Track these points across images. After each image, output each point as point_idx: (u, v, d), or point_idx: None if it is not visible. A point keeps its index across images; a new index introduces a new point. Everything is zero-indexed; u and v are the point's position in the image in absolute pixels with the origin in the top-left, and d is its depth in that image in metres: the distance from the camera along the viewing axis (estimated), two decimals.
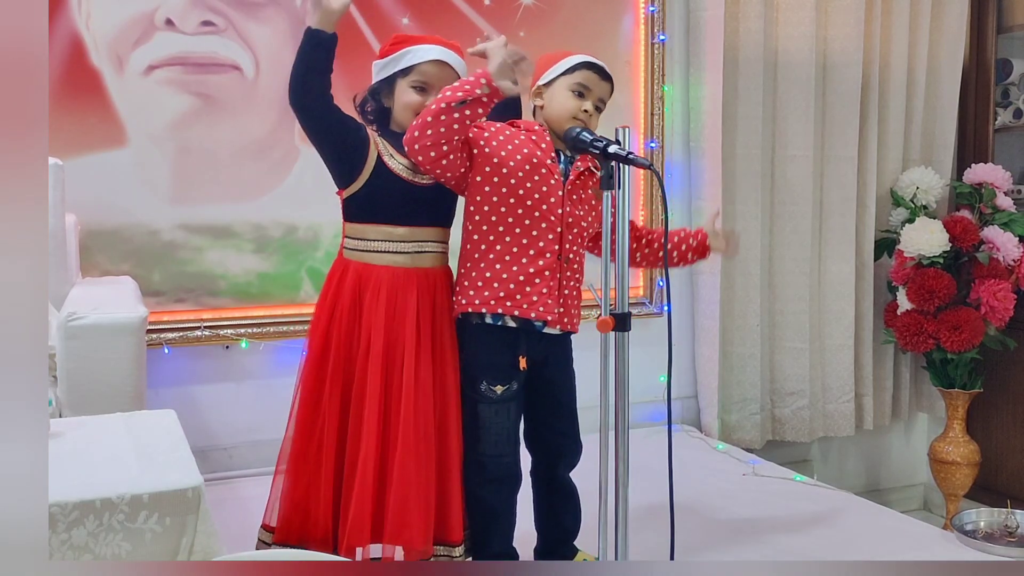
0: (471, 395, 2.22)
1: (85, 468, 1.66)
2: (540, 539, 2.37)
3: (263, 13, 3.07)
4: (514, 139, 2.21)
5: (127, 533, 1.54)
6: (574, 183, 2.22)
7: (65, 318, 2.30)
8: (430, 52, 2.21)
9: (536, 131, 2.24)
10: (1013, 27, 3.69)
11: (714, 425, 3.54)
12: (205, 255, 3.07)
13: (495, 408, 2.20)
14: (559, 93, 2.24)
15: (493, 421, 2.20)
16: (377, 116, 2.26)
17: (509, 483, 2.26)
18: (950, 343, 3.41)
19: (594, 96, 2.25)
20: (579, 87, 2.23)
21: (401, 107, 2.21)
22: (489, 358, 2.20)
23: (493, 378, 2.19)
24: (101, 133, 2.94)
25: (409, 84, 2.20)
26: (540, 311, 2.17)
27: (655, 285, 3.59)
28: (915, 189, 3.59)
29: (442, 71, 2.21)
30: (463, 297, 2.21)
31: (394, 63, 2.21)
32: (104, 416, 2.02)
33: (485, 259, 2.19)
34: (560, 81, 2.24)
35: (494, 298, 2.17)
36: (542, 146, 2.21)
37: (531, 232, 2.17)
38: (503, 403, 2.20)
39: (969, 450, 3.55)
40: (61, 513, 1.50)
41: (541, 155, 2.20)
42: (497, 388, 2.19)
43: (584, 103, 2.22)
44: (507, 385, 2.20)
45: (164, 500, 1.57)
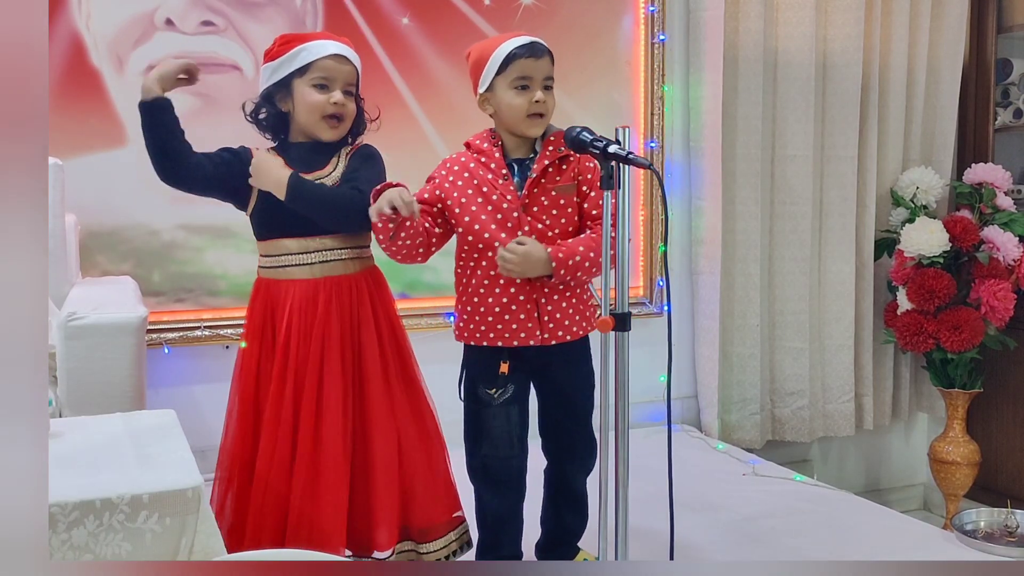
0: (470, 401, 2.24)
1: (85, 468, 1.66)
2: (543, 535, 2.37)
3: (263, 13, 3.07)
4: (471, 184, 2.17)
5: (127, 533, 1.54)
6: (531, 195, 2.17)
7: (65, 318, 2.30)
8: (327, 47, 2.12)
9: (485, 150, 2.20)
10: (1013, 27, 3.69)
11: (714, 425, 3.54)
12: (205, 255, 3.07)
13: (494, 411, 2.20)
14: (503, 96, 2.16)
15: (493, 424, 2.21)
16: (273, 123, 2.18)
17: (513, 487, 2.27)
18: (950, 343, 3.41)
19: (538, 81, 2.16)
20: (519, 81, 2.15)
21: (304, 109, 2.12)
22: (481, 366, 2.22)
23: (488, 383, 2.20)
24: (101, 133, 2.94)
25: (309, 83, 2.11)
26: (522, 337, 2.17)
27: (655, 285, 3.59)
28: (915, 189, 3.59)
29: (342, 66, 2.13)
30: (454, 328, 2.26)
31: (288, 63, 2.11)
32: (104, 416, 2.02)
33: (465, 292, 2.22)
34: (498, 83, 2.16)
35: (477, 331, 2.19)
36: (491, 166, 2.18)
37: (495, 264, 2.14)
38: (502, 406, 2.20)
39: (969, 450, 3.55)
40: (61, 513, 1.50)
41: (492, 181, 2.17)
42: (493, 391, 2.20)
43: (532, 94, 2.15)
44: (502, 388, 2.20)
45: (164, 500, 1.57)
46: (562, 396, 2.28)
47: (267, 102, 2.17)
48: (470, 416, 2.25)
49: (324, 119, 2.12)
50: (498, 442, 2.21)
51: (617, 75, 3.51)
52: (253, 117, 2.19)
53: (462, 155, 2.24)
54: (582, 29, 3.42)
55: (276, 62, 2.13)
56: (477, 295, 2.19)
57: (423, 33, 3.24)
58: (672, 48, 3.55)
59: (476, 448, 2.23)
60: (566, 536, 2.36)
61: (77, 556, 1.51)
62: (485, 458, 2.22)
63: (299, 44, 2.12)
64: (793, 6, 3.49)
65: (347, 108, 2.14)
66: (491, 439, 2.21)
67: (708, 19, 3.47)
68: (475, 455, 2.24)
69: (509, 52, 2.15)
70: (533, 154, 2.21)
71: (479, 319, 2.19)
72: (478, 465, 2.24)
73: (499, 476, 2.24)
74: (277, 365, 2.12)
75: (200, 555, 1.59)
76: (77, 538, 1.51)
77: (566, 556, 2.36)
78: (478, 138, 2.24)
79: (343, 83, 2.12)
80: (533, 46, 2.16)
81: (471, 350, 2.24)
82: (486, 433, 2.21)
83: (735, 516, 2.76)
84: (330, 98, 2.10)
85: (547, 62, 2.18)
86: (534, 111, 2.15)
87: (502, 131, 2.21)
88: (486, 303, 2.18)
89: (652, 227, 3.58)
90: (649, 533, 2.45)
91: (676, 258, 3.64)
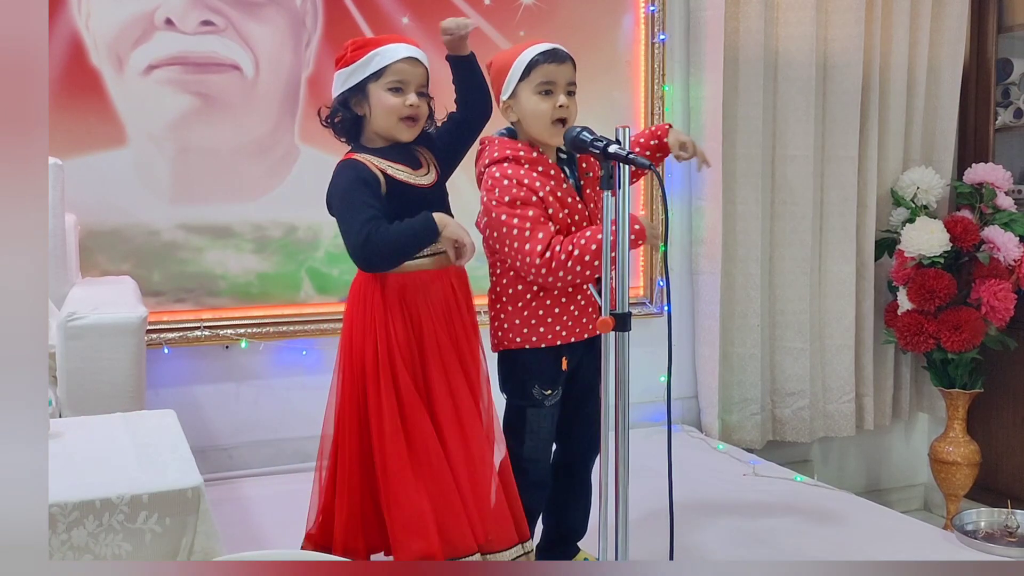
0: (518, 400, 2.24)
1: (85, 468, 1.66)
2: (544, 535, 2.38)
3: (263, 13, 3.07)
4: (545, 188, 2.17)
5: (127, 533, 1.54)
6: (587, 195, 2.24)
7: (65, 318, 2.30)
8: (400, 51, 2.13)
9: (537, 160, 2.19)
10: (1013, 27, 3.69)
11: (714, 425, 3.54)
12: (205, 255, 3.07)
13: (543, 413, 2.23)
14: (527, 102, 2.18)
15: (540, 426, 2.24)
16: (348, 127, 2.18)
17: (544, 487, 2.30)
18: (950, 343, 3.41)
19: (561, 86, 2.18)
20: (543, 87, 2.17)
21: (381, 112, 2.13)
22: (539, 365, 2.22)
23: (544, 382, 2.22)
24: (101, 133, 2.94)
25: (385, 87, 2.12)
26: (577, 332, 2.22)
27: (655, 285, 3.59)
28: (915, 189, 3.59)
29: (415, 68, 2.14)
30: (504, 336, 2.24)
31: (363, 68, 2.12)
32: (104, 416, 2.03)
33: (522, 298, 2.21)
34: (522, 89, 2.18)
35: (535, 334, 2.21)
36: (551, 173, 2.19)
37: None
38: (551, 408, 2.24)
39: (969, 450, 3.55)
40: (61, 513, 1.50)
41: (554, 189, 2.18)
42: (547, 391, 2.23)
43: (556, 99, 2.17)
44: (555, 389, 2.23)
45: (164, 500, 1.57)
46: (589, 381, 2.30)
47: (343, 107, 2.17)
48: (517, 415, 2.25)
49: (402, 120, 2.14)
50: (543, 443, 2.25)
51: (617, 75, 3.51)
52: (329, 122, 2.20)
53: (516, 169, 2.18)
54: (582, 29, 3.42)
55: (350, 68, 2.15)
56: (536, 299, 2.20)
57: (423, 33, 3.23)
58: (672, 48, 3.55)
59: (520, 450, 2.24)
60: (568, 535, 2.37)
61: (77, 556, 1.51)
62: (525, 460, 2.24)
63: (372, 49, 2.14)
64: (793, 6, 3.49)
65: (421, 109, 2.16)
66: (537, 440, 2.24)
67: (708, 19, 3.47)
68: (518, 457, 2.24)
69: (532, 58, 2.16)
70: (562, 153, 2.25)
71: (536, 323, 2.21)
72: (518, 467, 2.24)
73: (536, 478, 2.27)
74: (414, 353, 2.12)
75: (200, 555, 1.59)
76: (77, 538, 1.51)
77: (566, 556, 2.36)
78: (520, 150, 2.20)
79: (417, 85, 2.14)
80: (556, 52, 2.18)
81: (526, 353, 2.23)
82: (533, 433, 2.23)
83: (735, 516, 2.76)
84: (406, 100, 2.12)
85: (570, 68, 2.20)
86: (558, 116, 2.17)
87: (527, 138, 2.22)
88: (544, 305, 2.20)
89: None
90: (649, 533, 2.45)
91: (676, 258, 3.64)
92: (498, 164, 2.19)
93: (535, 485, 2.27)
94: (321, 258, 3.15)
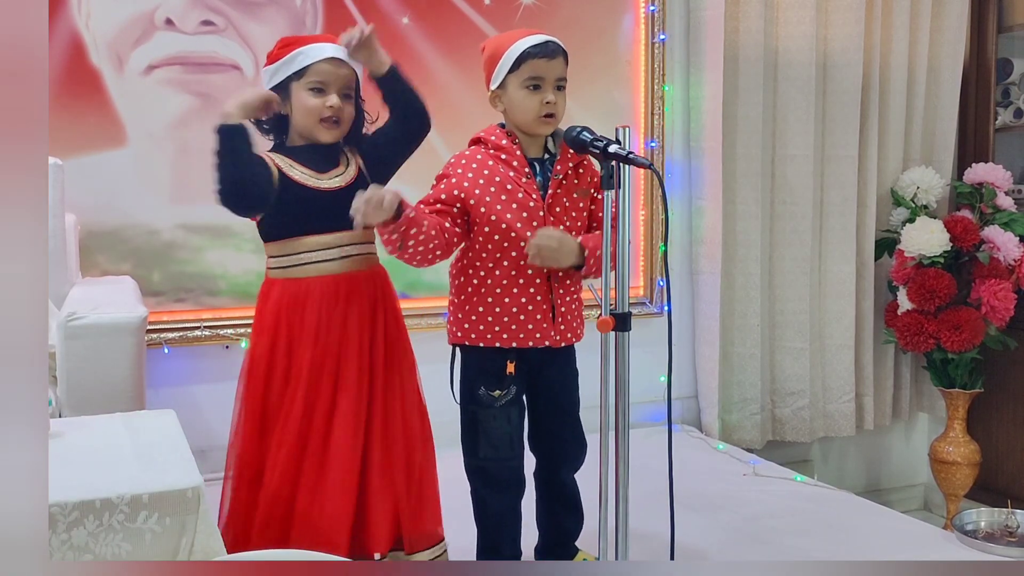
0: (468, 403, 2.21)
1: (85, 468, 1.66)
2: (541, 538, 2.37)
3: (263, 13, 3.07)
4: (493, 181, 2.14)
5: (127, 533, 1.54)
6: (555, 195, 2.17)
7: (65, 318, 2.30)
8: (324, 50, 2.11)
9: (505, 147, 2.17)
10: (1013, 27, 3.69)
11: (714, 425, 3.54)
12: (205, 255, 3.07)
13: (494, 413, 2.18)
14: (515, 95, 2.14)
15: (492, 426, 2.19)
16: (273, 126, 2.17)
17: (514, 487, 2.26)
18: (951, 343, 3.41)
19: (551, 81, 2.14)
20: (531, 81, 2.13)
21: (301, 112, 2.11)
22: (482, 364, 2.19)
23: (490, 384, 2.18)
24: (101, 133, 2.94)
25: (306, 86, 2.10)
26: (536, 338, 2.17)
27: (655, 285, 3.59)
28: (915, 189, 3.59)
29: (339, 69, 2.11)
30: (457, 329, 2.21)
31: (286, 67, 2.11)
32: (104, 416, 2.02)
33: (477, 293, 2.17)
34: (510, 81, 2.14)
35: (489, 332, 2.16)
36: (514, 164, 2.16)
37: (517, 263, 2.14)
38: (503, 408, 2.19)
39: (970, 450, 3.55)
40: (61, 513, 1.50)
41: (515, 179, 2.15)
42: (495, 393, 2.18)
43: (544, 95, 2.13)
44: (505, 390, 2.18)
45: (164, 500, 1.56)
46: (556, 396, 2.28)
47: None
48: (469, 418, 2.22)
49: (321, 122, 2.12)
50: (499, 444, 2.20)
51: (617, 75, 3.51)
52: (255, 121, 2.18)
53: (476, 151, 2.19)
54: (582, 29, 3.42)
55: (275, 65, 2.13)
56: (492, 295, 2.16)
57: (423, 33, 3.24)
58: (672, 48, 3.55)
59: (475, 450, 2.21)
60: (563, 537, 2.36)
61: (77, 556, 1.51)
62: (485, 460, 2.21)
63: (297, 47, 2.12)
64: (793, 6, 3.49)
65: (344, 111, 2.13)
66: (492, 441, 2.19)
67: (708, 19, 3.47)
68: (475, 457, 2.22)
69: (523, 51, 2.12)
70: (547, 154, 2.22)
71: (492, 320, 2.16)
72: (478, 467, 2.23)
73: (500, 477, 2.23)
74: (296, 362, 2.11)
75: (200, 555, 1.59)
76: (77, 538, 1.51)
77: (565, 557, 2.36)
78: (492, 134, 2.19)
79: (340, 87, 2.11)
80: (547, 45, 2.14)
81: (472, 351, 2.21)
82: (487, 435, 2.19)
83: (735, 516, 2.76)
84: (325, 102, 2.10)
85: (560, 62, 2.16)
86: (545, 112, 2.14)
87: (514, 129, 2.20)
88: (502, 303, 2.15)
89: (652, 227, 3.58)
90: (649, 533, 2.45)
91: (676, 258, 3.64)
92: (470, 146, 2.21)
93: (497, 485, 2.23)
94: None
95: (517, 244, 2.13)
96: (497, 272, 2.15)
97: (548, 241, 2.09)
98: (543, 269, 2.15)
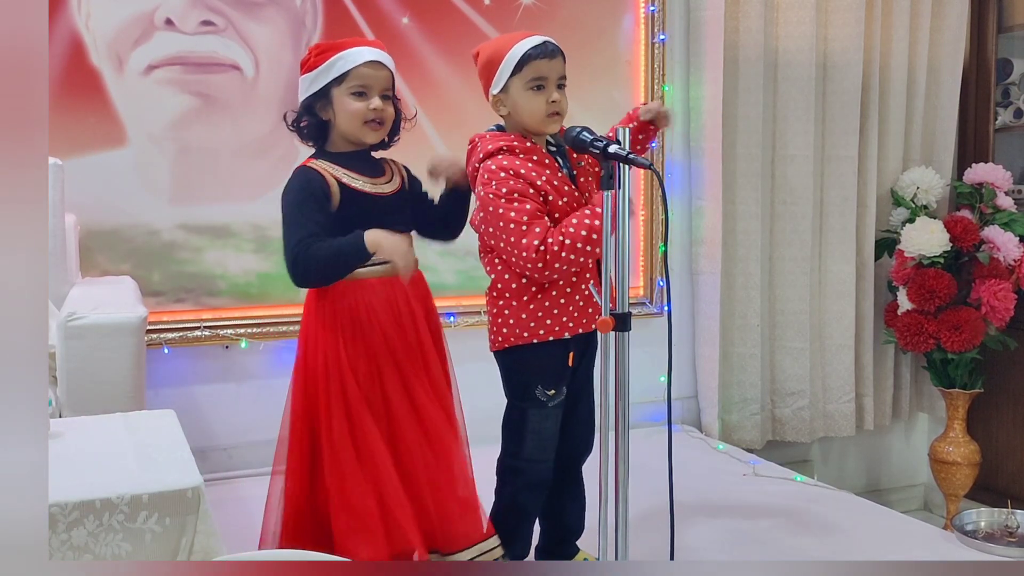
0: (520, 402, 2.22)
1: (85, 468, 1.66)
2: (543, 536, 2.37)
3: (263, 13, 3.07)
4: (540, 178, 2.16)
5: (127, 533, 1.54)
6: (581, 183, 2.23)
7: (65, 318, 2.30)
8: (363, 54, 2.13)
9: (532, 149, 2.18)
10: (1013, 27, 3.69)
11: (714, 425, 3.54)
12: (205, 255, 3.07)
13: (546, 413, 2.21)
14: (519, 97, 2.16)
15: (542, 427, 2.21)
16: (314, 132, 2.19)
17: (543, 487, 2.28)
18: (950, 343, 3.41)
19: (553, 80, 2.17)
20: (534, 82, 2.15)
21: (345, 117, 2.13)
22: (542, 363, 2.20)
23: (548, 382, 2.20)
24: (101, 133, 2.94)
25: (347, 91, 2.12)
26: (584, 323, 2.20)
27: (655, 285, 3.59)
28: (915, 189, 3.59)
29: (378, 72, 2.14)
30: (509, 333, 2.21)
31: (325, 73, 2.12)
32: (104, 416, 2.02)
33: (527, 292, 2.19)
34: (513, 84, 2.16)
35: (541, 327, 2.18)
36: (546, 163, 2.18)
37: None
38: (554, 408, 2.21)
39: (969, 450, 3.55)
40: (61, 513, 1.50)
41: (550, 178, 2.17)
42: (551, 392, 2.21)
43: (549, 94, 2.16)
44: (559, 389, 2.21)
45: (164, 500, 1.56)
46: (585, 386, 2.31)
47: (308, 112, 2.18)
48: (519, 417, 2.23)
49: (366, 124, 2.14)
50: (546, 443, 2.22)
51: (617, 75, 3.51)
52: (295, 126, 2.20)
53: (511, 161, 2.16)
54: (582, 29, 3.42)
55: (313, 73, 2.15)
56: (556, 288, 2.18)
57: (423, 33, 3.24)
58: (672, 48, 3.55)
59: (519, 451, 2.22)
60: (566, 534, 2.36)
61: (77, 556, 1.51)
62: (529, 461, 2.22)
63: (335, 53, 2.14)
64: (793, 6, 3.49)
65: (386, 112, 2.16)
66: (538, 440, 2.22)
67: (708, 19, 3.47)
68: (517, 457, 2.23)
69: (524, 53, 2.15)
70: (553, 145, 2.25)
71: (558, 312, 2.18)
72: (515, 466, 2.23)
73: (534, 479, 2.25)
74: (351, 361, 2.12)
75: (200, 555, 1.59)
76: (77, 538, 1.51)
77: (566, 556, 2.36)
78: (515, 140, 2.19)
79: (380, 89, 2.14)
80: (546, 46, 2.17)
81: (531, 350, 2.20)
82: (534, 434, 2.21)
83: (735, 516, 2.76)
84: (369, 104, 2.12)
85: (560, 62, 2.19)
86: (552, 111, 2.16)
87: (518, 131, 2.21)
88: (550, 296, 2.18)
89: (652, 227, 3.58)
90: (649, 533, 2.45)
91: (676, 258, 3.64)
92: (492, 157, 2.18)
93: (532, 486, 2.25)
94: None
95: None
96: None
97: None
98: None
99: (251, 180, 3.09)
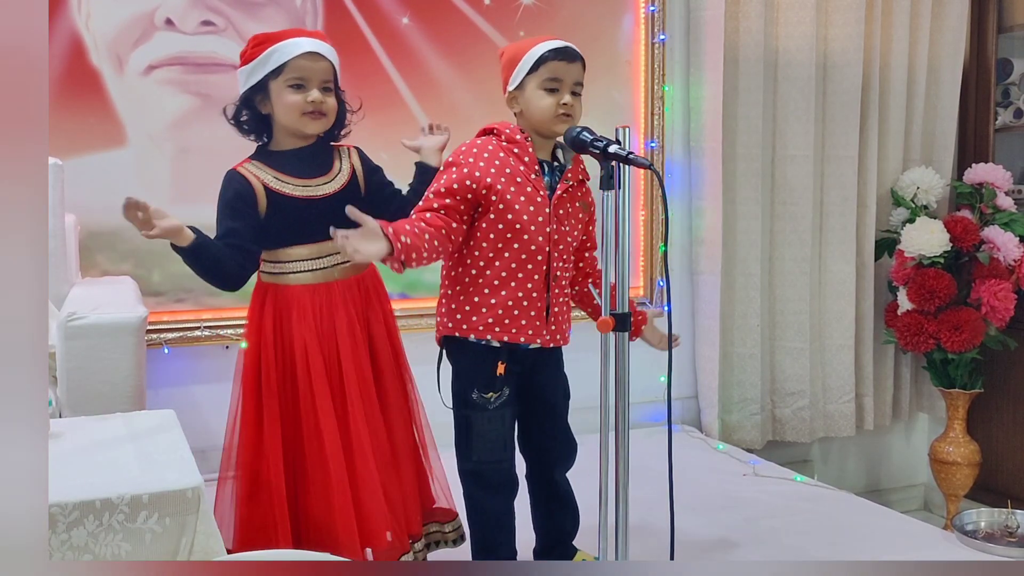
0: (461, 407, 2.20)
1: (85, 468, 1.66)
2: (538, 540, 2.37)
3: (263, 13, 3.07)
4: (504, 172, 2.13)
5: (127, 533, 1.54)
6: (560, 198, 2.17)
7: (65, 318, 2.30)
8: (300, 45, 2.09)
9: (518, 142, 2.16)
10: (1013, 27, 3.69)
11: (714, 425, 3.54)
12: None
13: (488, 416, 2.17)
14: (532, 95, 2.15)
15: (487, 429, 2.18)
16: (254, 125, 2.16)
17: (507, 489, 2.25)
18: (951, 343, 3.41)
19: (568, 84, 2.16)
20: (550, 83, 2.14)
21: (283, 109, 2.10)
22: (477, 369, 2.17)
23: (484, 387, 2.17)
24: (101, 133, 2.94)
25: (285, 84, 2.08)
26: (529, 334, 2.16)
27: (655, 285, 3.59)
28: (915, 189, 3.59)
29: (316, 63, 2.10)
30: (449, 320, 2.19)
31: (262, 65, 2.09)
32: (104, 416, 2.02)
33: (474, 284, 2.15)
34: (529, 82, 2.15)
35: (482, 324, 2.14)
36: (525, 160, 2.16)
37: (519, 256, 2.13)
38: (497, 410, 2.18)
39: (970, 450, 3.55)
40: (61, 513, 1.50)
41: (525, 173, 2.14)
42: (489, 396, 2.17)
43: (561, 96, 2.14)
44: (499, 392, 2.17)
45: (164, 500, 1.56)
46: (547, 398, 2.28)
47: (246, 105, 2.15)
48: (462, 422, 2.20)
49: (304, 115, 2.11)
50: (493, 446, 2.18)
51: (617, 75, 3.51)
52: (235, 120, 2.17)
53: (488, 141, 2.17)
54: (582, 29, 3.42)
55: (251, 65, 2.11)
56: (490, 286, 2.14)
57: (423, 33, 3.24)
58: (672, 48, 3.55)
59: (469, 453, 2.20)
60: (561, 536, 2.35)
61: (77, 556, 1.51)
62: (479, 463, 2.20)
63: (272, 44, 2.10)
64: (793, 6, 3.49)
65: (326, 104, 2.12)
66: (486, 444, 2.18)
67: (708, 19, 3.48)
68: (468, 460, 2.21)
69: (542, 53, 2.14)
70: (556, 161, 2.22)
71: (487, 311, 2.14)
72: (471, 470, 2.21)
73: (493, 479, 2.22)
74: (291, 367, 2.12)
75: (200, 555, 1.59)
76: (77, 538, 1.51)
77: (564, 557, 2.35)
78: (507, 127, 2.19)
79: (319, 81, 2.10)
80: (566, 50, 2.16)
81: (464, 351, 2.19)
82: (481, 438, 2.18)
83: (735, 516, 2.76)
84: (307, 96, 2.09)
85: (579, 67, 2.18)
86: (562, 112, 2.15)
87: (528, 130, 2.19)
88: (498, 295, 2.14)
89: (652, 227, 3.58)
90: (649, 533, 2.45)
91: (676, 258, 3.64)
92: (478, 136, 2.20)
93: (495, 488, 2.22)
94: None
95: (520, 236, 2.13)
96: (497, 263, 2.14)
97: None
98: (543, 265, 2.15)
99: None
